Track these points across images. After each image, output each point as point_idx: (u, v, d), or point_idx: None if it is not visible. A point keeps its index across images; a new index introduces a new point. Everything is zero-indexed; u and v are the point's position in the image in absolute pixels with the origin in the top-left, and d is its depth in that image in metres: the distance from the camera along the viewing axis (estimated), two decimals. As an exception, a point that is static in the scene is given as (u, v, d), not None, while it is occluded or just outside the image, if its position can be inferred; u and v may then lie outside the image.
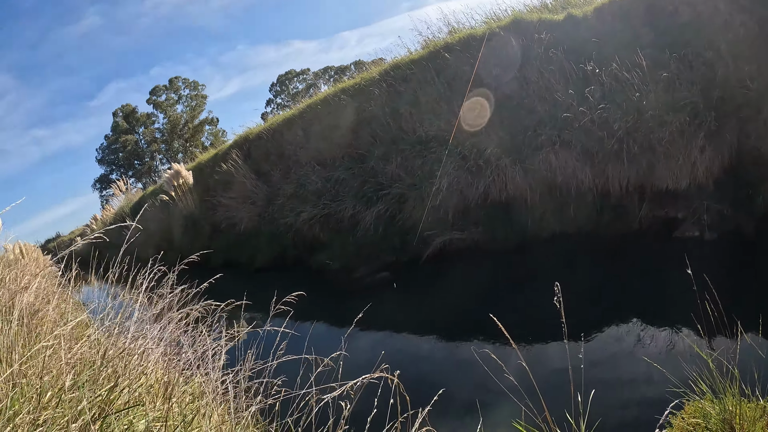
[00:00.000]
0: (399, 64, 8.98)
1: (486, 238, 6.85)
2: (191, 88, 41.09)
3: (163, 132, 40.60)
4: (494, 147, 6.64)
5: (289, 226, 9.83)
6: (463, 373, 4.39)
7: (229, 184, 12.61)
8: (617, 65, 5.59)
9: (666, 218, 5.68)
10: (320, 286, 8.30)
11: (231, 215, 12.28)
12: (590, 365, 3.94)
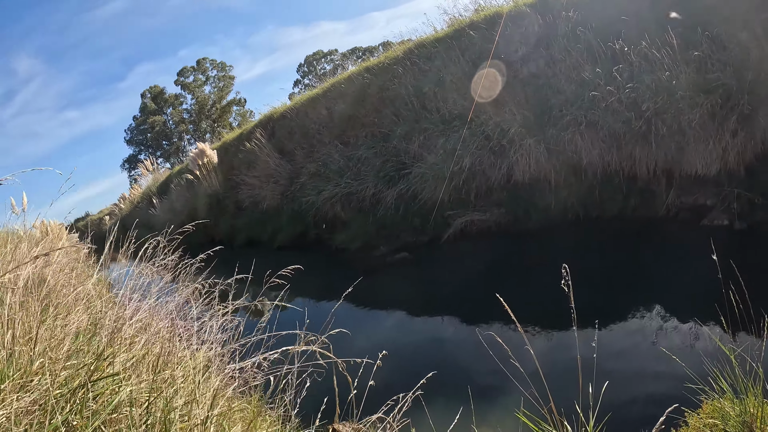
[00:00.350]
0: (424, 42, 8.87)
1: (508, 220, 6.78)
2: (219, 69, 41.41)
3: (191, 113, 41.10)
4: (518, 126, 6.52)
5: (311, 204, 9.87)
6: (467, 356, 4.35)
7: (252, 163, 12.70)
8: (647, 44, 5.41)
9: (694, 205, 5.49)
10: (339, 264, 8.36)
11: (254, 194, 12.39)
12: (606, 355, 3.87)
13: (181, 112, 41.29)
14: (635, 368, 3.70)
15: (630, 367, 3.73)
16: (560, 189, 6.45)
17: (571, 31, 6.51)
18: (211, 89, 41.49)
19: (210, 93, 41.39)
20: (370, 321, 5.99)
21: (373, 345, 5.25)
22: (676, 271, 4.70)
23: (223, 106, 41.68)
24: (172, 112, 41.01)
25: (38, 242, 9.21)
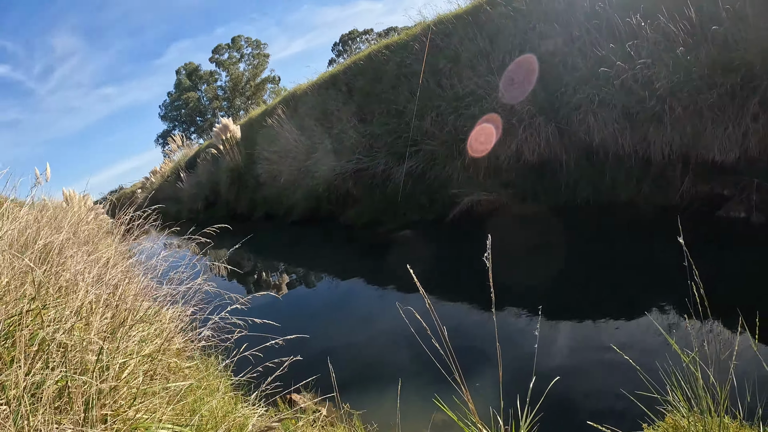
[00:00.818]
0: (443, 19, 8.64)
1: (516, 201, 6.58)
2: (253, 47, 41.69)
3: (225, 90, 41.63)
4: (528, 104, 6.29)
5: (324, 180, 9.85)
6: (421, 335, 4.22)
7: (273, 139, 12.74)
8: (664, 18, 5.09)
9: (710, 194, 5.14)
10: (343, 240, 8.35)
11: (272, 169, 12.45)
12: (571, 349, 3.68)
13: (215, 89, 41.84)
14: (598, 368, 3.46)
15: (587, 363, 3.52)
16: (570, 171, 6.22)
17: (590, 7, 6.20)
18: (245, 67, 41.87)
19: (244, 70, 41.78)
20: (351, 293, 5.98)
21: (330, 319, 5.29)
22: (681, 263, 4.37)
23: (257, 84, 42.02)
24: (206, 89, 41.59)
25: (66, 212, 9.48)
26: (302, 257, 8.75)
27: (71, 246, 5.07)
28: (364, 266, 6.85)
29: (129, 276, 4.79)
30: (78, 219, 7.61)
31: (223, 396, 3.15)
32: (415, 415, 3.19)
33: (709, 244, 4.48)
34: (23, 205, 8.81)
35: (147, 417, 2.28)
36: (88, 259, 3.94)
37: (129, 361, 2.49)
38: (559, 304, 4.26)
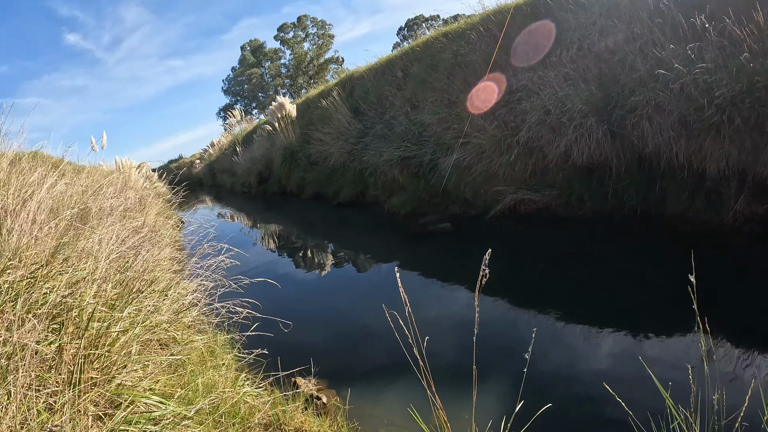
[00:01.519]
0: (503, 9, 8.44)
1: (560, 203, 6.43)
2: (318, 27, 42.08)
3: (289, 68, 42.36)
4: (581, 104, 6.07)
5: (372, 165, 9.93)
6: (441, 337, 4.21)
7: (327, 120, 12.91)
8: (730, 20, 4.77)
9: (765, 218, 4.85)
10: (382, 226, 8.43)
11: (324, 149, 12.65)
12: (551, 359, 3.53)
13: (278, 66, 42.65)
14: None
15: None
16: (620, 177, 5.98)
17: (654, 4, 5.90)
18: (309, 46, 42.37)
19: (308, 50, 42.28)
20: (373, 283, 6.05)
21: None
22: (721, 290, 4.09)
23: (321, 64, 42.49)
24: (269, 66, 42.44)
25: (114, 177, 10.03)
26: (341, 240, 8.91)
27: (112, 212, 5.38)
28: (399, 257, 6.90)
29: (159, 245, 5.03)
30: (123, 186, 8.03)
31: (226, 372, 3.29)
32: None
33: (759, 270, 4.23)
34: (80, 171, 9.35)
35: (133, 384, 2.40)
36: (118, 227, 4.16)
37: (129, 329, 2.62)
38: (566, 315, 4.17)
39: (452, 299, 5.11)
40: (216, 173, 24.90)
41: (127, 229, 4.73)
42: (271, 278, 7.02)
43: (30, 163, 7.28)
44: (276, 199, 15.65)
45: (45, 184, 4.19)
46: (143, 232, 5.12)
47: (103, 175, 9.49)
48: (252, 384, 3.35)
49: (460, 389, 2.69)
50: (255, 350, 3.38)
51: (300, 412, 3.06)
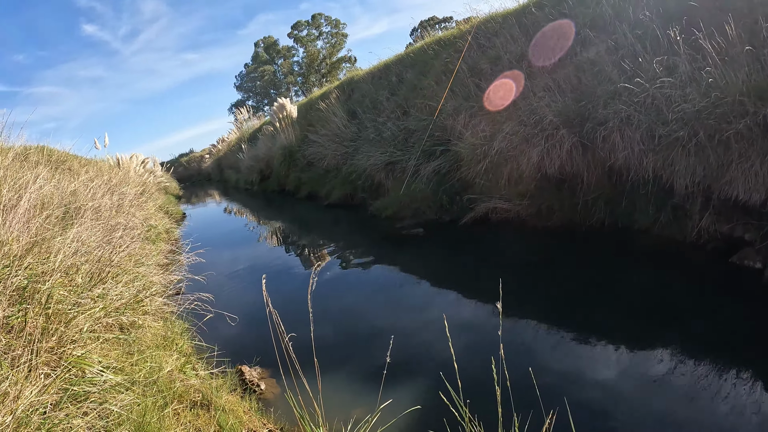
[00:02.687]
0: (493, 17, 8.42)
1: (530, 213, 6.39)
2: (332, 26, 42.31)
3: (301, 66, 42.66)
4: (552, 115, 6.04)
5: (361, 168, 9.97)
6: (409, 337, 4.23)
7: (324, 122, 12.99)
8: (703, 33, 4.70)
9: (729, 236, 4.71)
10: (366, 228, 8.47)
11: (319, 151, 12.72)
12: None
13: (291, 64, 42.93)
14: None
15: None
16: (590, 189, 5.94)
17: (635, 15, 5.85)
18: (322, 45, 42.58)
19: (321, 48, 42.50)
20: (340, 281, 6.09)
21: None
22: (676, 306, 4.02)
23: (333, 62, 42.70)
24: (282, 63, 42.76)
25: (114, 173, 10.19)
26: (322, 238, 8.97)
27: (99, 210, 5.50)
28: (368, 257, 6.95)
29: (136, 240, 5.14)
30: (120, 183, 8.17)
31: (178, 356, 3.39)
32: (348, 405, 3.22)
33: (709, 292, 4.16)
34: (86, 164, 9.51)
35: (82, 355, 2.53)
36: (90, 225, 4.29)
37: (85, 311, 2.78)
38: (519, 319, 4.16)
39: (406, 296, 5.19)
40: (223, 169, 25.17)
41: (104, 227, 4.85)
42: (247, 271, 7.06)
43: (37, 157, 7.48)
44: (275, 197, 15.79)
45: (36, 184, 4.34)
46: (119, 229, 5.21)
47: (103, 171, 9.68)
48: (199, 368, 3.45)
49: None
50: (212, 340, 3.49)
51: (227, 393, 3.15)
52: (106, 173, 8.40)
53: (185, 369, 3.13)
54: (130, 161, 12.48)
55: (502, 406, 2.02)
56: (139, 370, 2.69)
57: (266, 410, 3.12)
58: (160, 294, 3.84)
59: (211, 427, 2.38)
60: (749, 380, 2.83)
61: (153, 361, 2.80)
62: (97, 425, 2.07)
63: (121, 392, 2.31)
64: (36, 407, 1.87)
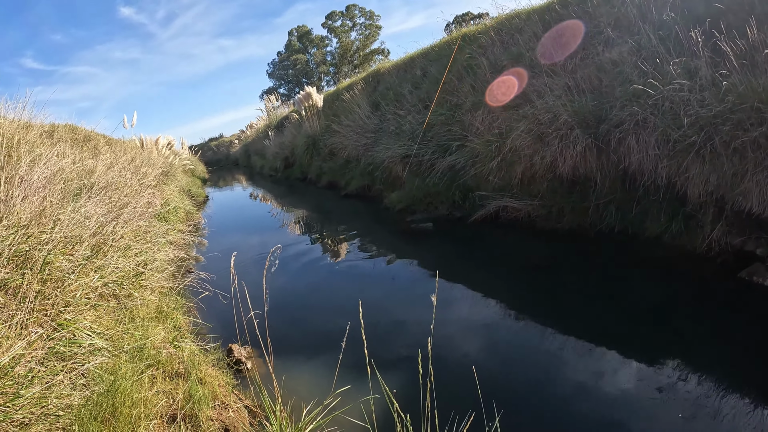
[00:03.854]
0: (519, 14, 8.33)
1: (541, 213, 6.34)
2: (366, 18, 42.35)
3: (334, 56, 42.85)
4: (567, 115, 5.96)
5: (379, 160, 10.01)
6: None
7: (348, 113, 13.06)
8: (724, 36, 4.56)
9: (740, 250, 4.56)
10: (379, 220, 8.51)
11: (340, 141, 12.80)
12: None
13: (324, 53, 43.13)
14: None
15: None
16: (602, 193, 5.86)
17: (658, 16, 5.73)
18: (356, 36, 42.63)
19: (355, 39, 42.56)
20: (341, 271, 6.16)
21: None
22: (678, 318, 3.85)
23: (366, 54, 42.74)
24: (315, 53, 42.98)
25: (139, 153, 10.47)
26: (333, 227, 9.06)
27: (108, 187, 5.69)
28: (375, 248, 7.00)
29: (143, 217, 5.30)
30: (142, 164, 8.38)
31: (171, 330, 3.51)
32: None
33: (714, 307, 4.05)
34: (112, 143, 9.79)
35: (74, 320, 2.66)
36: (98, 201, 4.46)
37: (84, 278, 2.92)
38: (519, 320, 4.16)
39: (402, 289, 5.26)
40: (250, 154, 25.54)
41: (114, 203, 5.03)
42: (256, 253, 7.16)
43: (62, 134, 7.75)
44: (297, 185, 15.98)
45: (49, 160, 4.54)
46: (129, 207, 5.38)
47: (127, 151, 9.96)
48: (190, 342, 3.57)
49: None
50: (211, 319, 3.61)
51: (209, 367, 3.25)
52: (129, 153, 8.64)
53: (175, 342, 3.24)
54: (155, 143, 12.78)
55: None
56: (129, 338, 2.80)
57: (248, 387, 3.20)
58: (161, 270, 3.95)
59: (180, 394, 2.47)
60: (749, 400, 2.77)
61: (142, 331, 2.90)
62: (78, 382, 2.17)
63: (105, 356, 2.41)
64: (19, 360, 1.98)
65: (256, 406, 3.01)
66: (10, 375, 1.95)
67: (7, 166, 3.94)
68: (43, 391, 2.01)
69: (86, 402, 2.08)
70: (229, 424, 2.76)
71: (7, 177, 3.77)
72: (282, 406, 2.60)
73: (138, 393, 2.18)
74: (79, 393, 2.14)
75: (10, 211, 3.27)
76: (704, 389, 2.93)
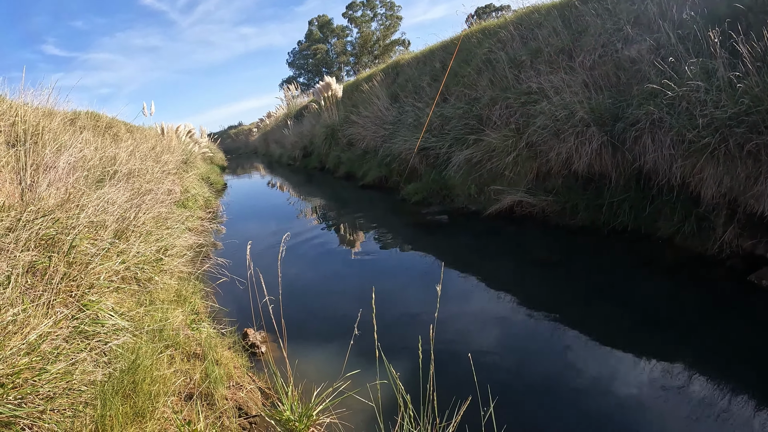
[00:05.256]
0: (538, 9, 8.30)
1: (555, 210, 6.37)
2: (387, 8, 42.16)
3: (354, 46, 42.82)
4: (583, 112, 5.97)
5: (396, 151, 10.09)
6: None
7: (367, 104, 13.13)
8: (741, 37, 4.54)
9: (750, 253, 4.53)
10: (395, 211, 8.61)
11: (359, 132, 12.89)
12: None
13: (344, 43, 43.14)
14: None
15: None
16: (617, 191, 5.87)
17: (678, 14, 5.69)
18: (377, 26, 42.50)
19: (375, 30, 42.45)
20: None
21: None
22: (682, 324, 3.82)
23: (386, 45, 42.61)
24: (335, 43, 43.00)
25: (159, 140, 10.69)
26: (349, 217, 9.19)
27: (131, 174, 5.87)
28: (389, 238, 7.11)
29: (163, 204, 5.47)
30: (162, 151, 8.58)
31: (189, 313, 3.67)
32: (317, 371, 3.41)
33: (721, 310, 4.07)
34: (132, 130, 10.03)
35: (97, 301, 2.82)
36: (121, 187, 4.62)
37: (104, 262, 3.08)
38: (528, 316, 4.23)
39: (417, 280, 5.37)
40: (269, 143, 25.78)
41: (137, 190, 5.21)
42: (272, 241, 7.28)
43: (85, 121, 7.97)
44: (315, 174, 16.15)
45: (74, 148, 4.72)
46: (150, 194, 5.56)
47: (148, 138, 10.18)
48: (207, 325, 3.73)
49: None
50: (228, 304, 3.74)
51: (225, 349, 3.40)
52: (150, 140, 8.84)
53: (193, 325, 3.39)
54: (175, 131, 13.01)
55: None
56: (149, 320, 2.95)
57: (262, 370, 3.35)
58: (180, 255, 4.11)
59: (197, 374, 2.62)
60: (754, 404, 2.81)
61: (162, 314, 3.05)
62: (100, 360, 2.32)
63: (127, 336, 2.56)
64: (46, 337, 2.13)
65: (269, 387, 3.16)
66: (37, 351, 2.10)
67: (33, 153, 4.12)
68: (67, 367, 2.16)
69: (108, 378, 2.23)
70: (242, 404, 2.91)
71: (33, 164, 3.96)
72: (294, 387, 2.73)
73: (157, 371, 2.33)
74: (101, 370, 2.29)
75: (38, 196, 3.45)
76: (708, 392, 2.98)
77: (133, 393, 2.20)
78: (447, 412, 2.44)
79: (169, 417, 2.27)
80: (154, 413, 2.18)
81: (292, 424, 2.54)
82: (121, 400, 2.11)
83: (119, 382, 2.21)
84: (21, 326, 2.17)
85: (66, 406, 2.02)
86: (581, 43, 7.00)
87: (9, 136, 4.15)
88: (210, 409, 2.57)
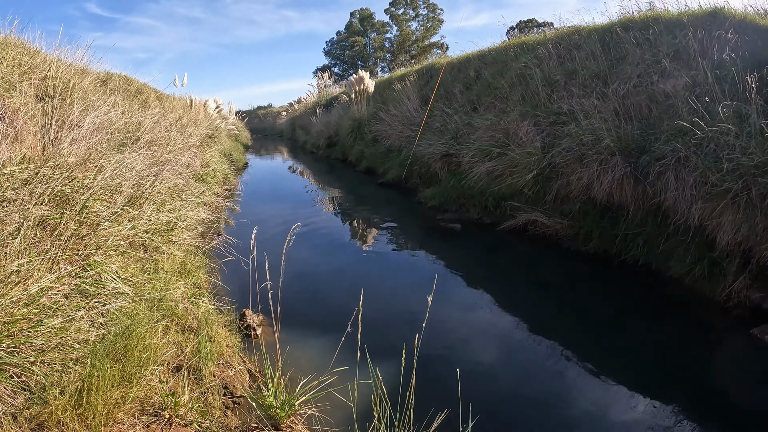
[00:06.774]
0: (579, 30, 8.22)
1: (568, 233, 6.32)
2: (429, 10, 42.11)
3: (393, 43, 42.85)
4: (610, 141, 5.91)
5: (419, 154, 10.11)
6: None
7: (397, 102, 13.15)
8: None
9: (758, 306, 4.40)
10: (411, 212, 8.64)
11: (385, 129, 12.93)
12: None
13: (383, 39, 43.16)
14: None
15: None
16: (632, 224, 5.81)
17: (718, 55, 5.60)
18: (417, 26, 42.43)
19: (415, 29, 42.39)
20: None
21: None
22: (680, 370, 3.73)
23: (424, 46, 42.53)
24: (374, 38, 43.03)
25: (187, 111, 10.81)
26: (366, 213, 9.23)
27: (160, 142, 5.96)
28: (401, 238, 7.13)
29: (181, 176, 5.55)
30: (187, 123, 8.68)
31: (192, 286, 3.73)
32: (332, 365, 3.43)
33: (721, 357, 4.00)
34: (162, 99, 10.15)
35: (102, 262, 2.89)
36: (148, 155, 4.70)
37: (117, 225, 3.15)
38: (524, 337, 4.22)
39: (423, 284, 5.36)
40: (296, 128, 25.96)
41: (156, 159, 5.30)
42: (288, 228, 7.40)
43: (116, 84, 8.11)
44: (336, 165, 16.24)
45: (100, 110, 4.81)
46: (168, 164, 5.64)
47: (175, 109, 10.31)
48: (207, 301, 3.78)
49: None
50: (231, 283, 3.79)
51: (221, 327, 3.45)
52: (177, 111, 8.96)
53: (193, 299, 3.45)
54: (204, 105, 13.16)
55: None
56: (150, 288, 3.01)
57: (254, 352, 3.40)
58: (190, 229, 4.17)
59: (188, 347, 2.67)
60: None
61: (164, 284, 3.11)
62: (97, 320, 2.38)
63: (126, 301, 2.61)
64: (47, 291, 2.19)
65: (258, 371, 3.20)
66: (36, 303, 2.16)
67: (60, 109, 4.20)
68: (63, 323, 2.22)
69: (102, 339, 2.28)
70: (229, 383, 2.96)
71: (58, 120, 4.03)
72: (281, 374, 2.76)
73: (150, 339, 2.38)
74: (96, 330, 2.35)
75: (59, 152, 3.53)
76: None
77: (124, 357, 2.25)
78: (425, 422, 2.45)
79: (155, 386, 2.32)
80: (141, 380, 2.22)
81: (274, 411, 2.58)
82: (110, 362, 2.16)
83: (111, 344, 2.26)
84: (24, 277, 2.23)
85: (57, 360, 2.08)
86: (617, 70, 6.93)
87: (39, 89, 4.24)
88: (196, 384, 2.62)
